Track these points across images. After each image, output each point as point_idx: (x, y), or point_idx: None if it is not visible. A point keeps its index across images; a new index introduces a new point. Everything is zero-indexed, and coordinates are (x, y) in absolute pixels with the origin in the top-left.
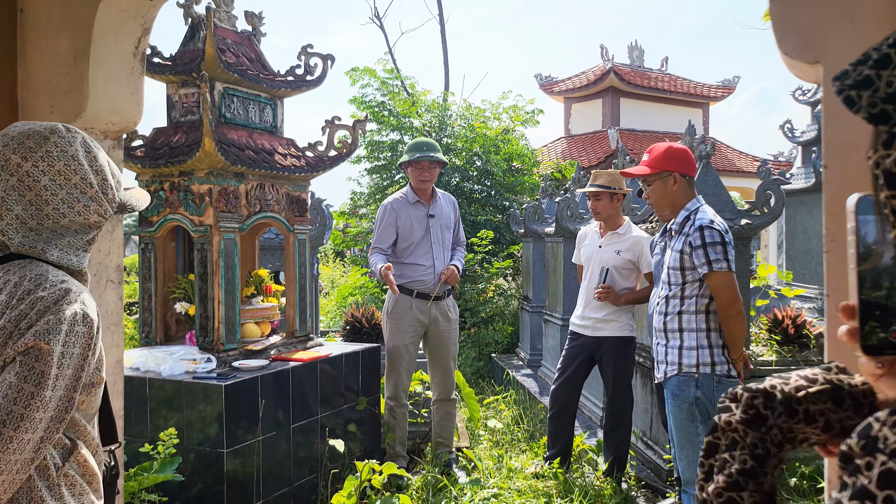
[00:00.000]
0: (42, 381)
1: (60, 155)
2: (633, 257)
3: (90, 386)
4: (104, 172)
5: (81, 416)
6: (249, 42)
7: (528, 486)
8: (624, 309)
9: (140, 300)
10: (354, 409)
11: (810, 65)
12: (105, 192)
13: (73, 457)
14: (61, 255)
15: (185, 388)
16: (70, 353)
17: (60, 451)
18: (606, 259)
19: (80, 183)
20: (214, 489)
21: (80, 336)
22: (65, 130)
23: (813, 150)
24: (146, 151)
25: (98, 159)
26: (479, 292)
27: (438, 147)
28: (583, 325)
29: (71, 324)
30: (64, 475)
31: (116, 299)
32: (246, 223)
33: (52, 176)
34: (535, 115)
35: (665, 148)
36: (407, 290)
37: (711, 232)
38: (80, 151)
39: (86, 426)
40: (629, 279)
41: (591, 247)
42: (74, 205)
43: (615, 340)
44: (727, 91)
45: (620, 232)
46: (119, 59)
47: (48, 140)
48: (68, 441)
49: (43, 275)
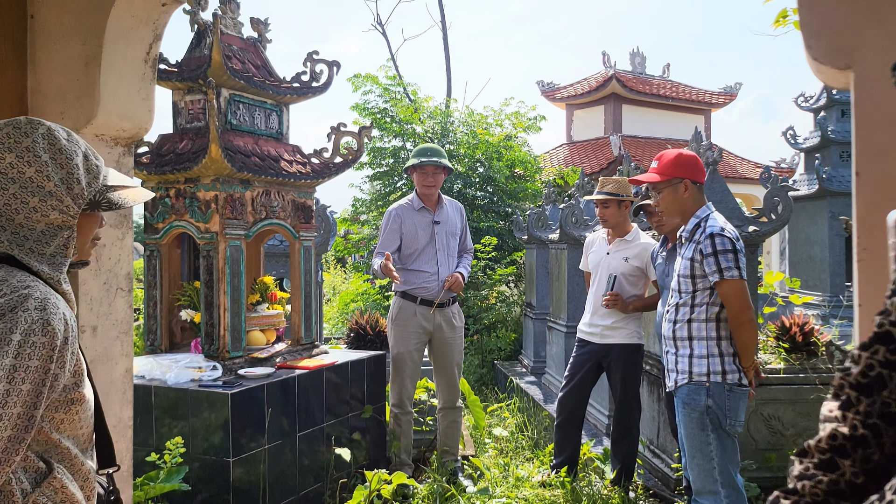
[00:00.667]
0: None
1: (12, 146)
2: (642, 264)
3: (68, 403)
4: (69, 166)
5: (64, 437)
6: (255, 49)
7: (535, 496)
8: (632, 316)
9: (145, 307)
10: (360, 417)
11: (840, 70)
12: (70, 188)
13: (48, 482)
14: (29, 259)
15: (190, 396)
16: (25, 365)
17: (31, 475)
18: (615, 266)
19: (36, 176)
20: (220, 498)
21: (37, 347)
22: (24, 122)
23: (816, 156)
24: (152, 158)
25: (63, 151)
26: (481, 299)
27: (444, 153)
28: (591, 333)
29: (26, 333)
30: (33, 502)
31: (126, 308)
32: (252, 230)
33: (2, 169)
34: (537, 122)
35: (675, 155)
36: (411, 297)
37: (722, 239)
38: (38, 143)
39: (69, 449)
40: (637, 286)
41: (599, 254)
42: (28, 199)
43: (623, 348)
44: (729, 98)
45: (629, 239)
46: (130, 64)
47: (0, 131)
48: (42, 464)
49: (6, 279)
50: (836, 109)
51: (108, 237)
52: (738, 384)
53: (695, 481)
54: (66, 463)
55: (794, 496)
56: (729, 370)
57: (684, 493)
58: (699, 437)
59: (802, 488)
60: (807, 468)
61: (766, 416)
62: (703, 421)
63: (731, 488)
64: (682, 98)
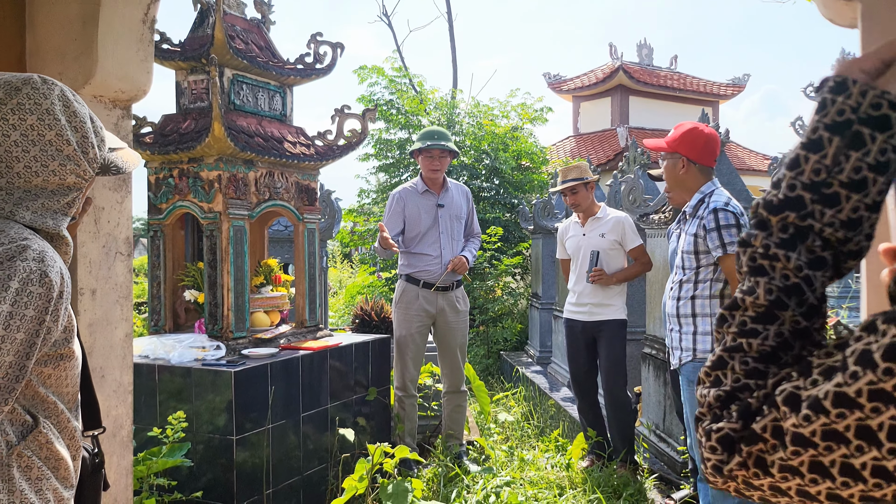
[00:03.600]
0: None
1: (33, 108)
2: (617, 237)
3: (57, 359)
4: (84, 129)
5: (51, 392)
6: (259, 30)
7: (540, 477)
8: (617, 292)
9: (149, 288)
10: (364, 399)
11: (847, 2)
12: (85, 151)
13: (33, 436)
14: (34, 217)
15: (194, 375)
16: (21, 314)
17: (18, 427)
18: (595, 244)
19: (56, 140)
20: (224, 477)
21: (34, 297)
22: (40, 81)
23: None
24: (155, 138)
25: (78, 114)
26: (487, 290)
27: (450, 136)
28: (578, 311)
29: (23, 282)
30: (17, 455)
31: (126, 272)
32: (255, 211)
33: (23, 131)
34: (543, 113)
35: (686, 129)
36: (414, 280)
37: (726, 214)
38: (56, 105)
39: (56, 404)
40: (617, 259)
41: (577, 237)
42: (49, 163)
43: (612, 323)
44: (737, 89)
45: (600, 216)
46: (128, 25)
47: (20, 91)
48: (29, 418)
49: (3, 231)
50: None
51: (107, 200)
52: None
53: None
54: (52, 419)
55: (739, 353)
56: None
57: (690, 476)
58: None
59: (748, 346)
60: (744, 322)
61: None
62: None
63: None
64: (689, 89)
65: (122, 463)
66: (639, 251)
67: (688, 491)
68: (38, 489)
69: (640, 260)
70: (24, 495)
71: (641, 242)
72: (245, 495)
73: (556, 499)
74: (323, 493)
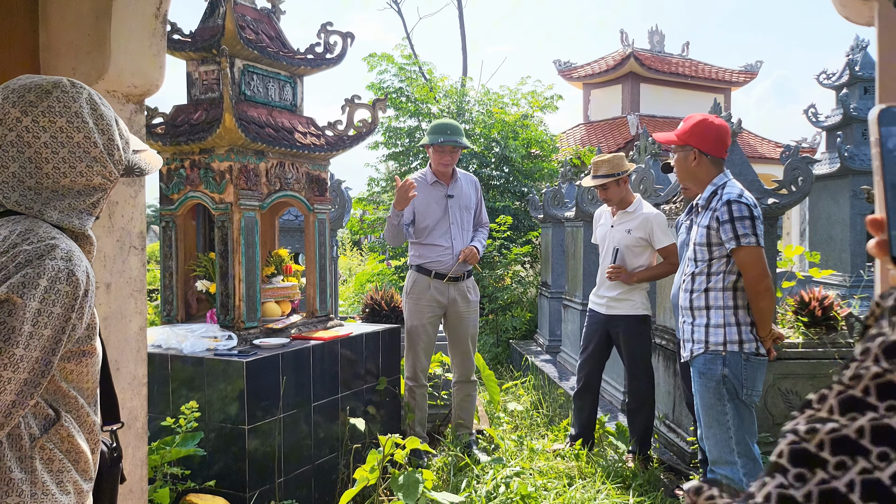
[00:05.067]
0: (12, 338)
1: (63, 111)
2: (645, 234)
3: (80, 355)
4: (110, 132)
5: (73, 388)
6: (269, 20)
7: (549, 467)
8: (637, 288)
9: (161, 278)
10: (374, 389)
11: (864, 1)
12: (111, 153)
13: (55, 429)
14: (61, 216)
15: (206, 364)
16: (49, 311)
17: (41, 421)
18: (618, 239)
19: (84, 142)
20: (236, 466)
21: (61, 294)
22: (69, 85)
23: (838, 134)
24: (167, 129)
25: (105, 117)
26: (497, 279)
27: (461, 130)
28: (598, 304)
29: (52, 280)
30: (40, 447)
31: (139, 265)
32: (266, 201)
33: (52, 133)
34: (553, 101)
35: (695, 122)
36: (425, 271)
37: (739, 206)
38: (84, 108)
39: (77, 399)
40: (642, 257)
41: (605, 227)
42: (76, 164)
43: (629, 319)
44: (749, 76)
45: (630, 210)
46: (140, 19)
47: (50, 94)
48: (52, 411)
49: (32, 229)
50: (859, 86)
51: (121, 195)
52: (755, 353)
53: (711, 451)
54: (73, 413)
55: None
56: (746, 339)
57: (699, 467)
58: (716, 407)
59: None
60: None
61: (783, 391)
62: (719, 391)
63: (747, 458)
64: (701, 77)
65: (138, 454)
66: (669, 251)
67: (697, 481)
68: (58, 481)
69: (669, 260)
70: (45, 486)
71: (672, 242)
72: (257, 483)
73: (566, 489)
74: (334, 481)
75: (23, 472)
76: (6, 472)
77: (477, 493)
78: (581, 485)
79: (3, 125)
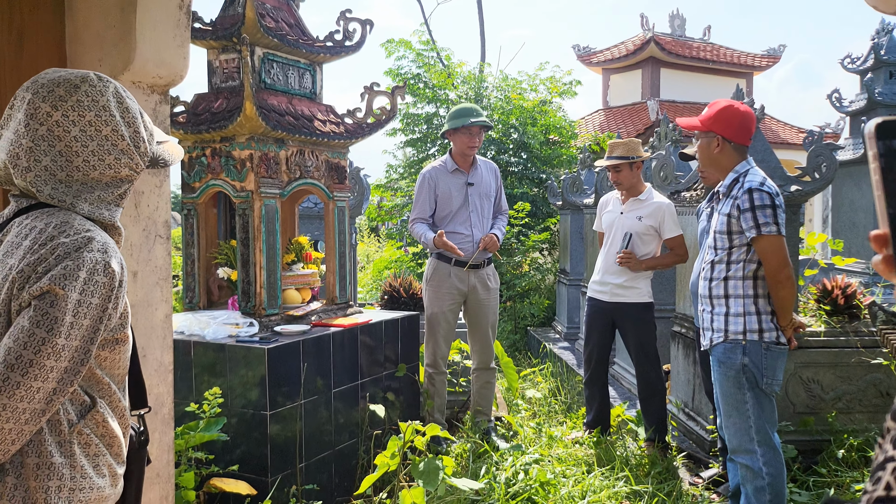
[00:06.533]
0: (55, 328)
1: (91, 105)
2: (655, 223)
3: (114, 343)
4: (136, 124)
5: (106, 374)
6: (288, 7)
7: (568, 454)
8: (643, 275)
9: (183, 266)
10: (393, 376)
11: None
12: (137, 146)
13: (91, 415)
14: (92, 208)
15: (228, 351)
16: (88, 301)
17: (78, 407)
18: (628, 225)
19: (111, 135)
20: (258, 451)
21: (99, 286)
22: (96, 79)
23: (862, 119)
24: (188, 117)
25: (130, 110)
26: (515, 266)
27: (483, 111)
28: (601, 291)
29: (90, 272)
30: (78, 433)
31: (165, 254)
32: (286, 189)
33: (82, 127)
34: (572, 87)
35: (721, 108)
36: (446, 259)
37: (761, 194)
38: (111, 102)
39: (110, 385)
40: (650, 245)
41: (614, 213)
42: (105, 157)
43: (634, 307)
44: (772, 60)
45: (642, 198)
46: (165, 10)
47: (79, 89)
48: (87, 398)
49: (68, 222)
50: (884, 71)
51: (147, 185)
52: (775, 343)
53: (730, 440)
54: (106, 399)
55: None
56: (766, 328)
57: (719, 455)
58: (735, 396)
59: None
60: None
61: (805, 380)
62: (739, 380)
63: (767, 447)
64: (723, 61)
65: (164, 439)
66: (676, 242)
67: (716, 470)
68: (95, 465)
69: (677, 251)
70: (83, 470)
71: (681, 233)
72: (279, 468)
73: (585, 476)
74: (354, 466)
75: (63, 457)
76: (47, 457)
77: (496, 479)
78: (600, 472)
79: (34, 120)
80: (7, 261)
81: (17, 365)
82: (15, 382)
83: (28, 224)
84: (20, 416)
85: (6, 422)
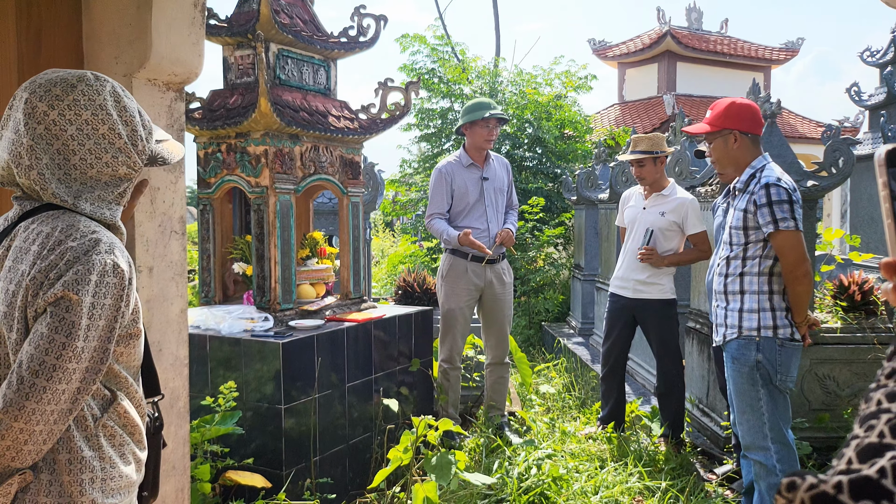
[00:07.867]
0: (73, 332)
1: (88, 104)
2: (678, 219)
3: (128, 338)
4: (134, 123)
5: (122, 368)
6: (303, 3)
7: (581, 449)
8: (665, 271)
9: (199, 260)
10: (407, 370)
11: None
12: (134, 144)
13: (113, 408)
14: (93, 208)
15: (243, 345)
16: (101, 303)
17: (100, 402)
18: (651, 221)
19: (108, 133)
20: (273, 445)
21: (111, 287)
22: (93, 78)
23: (881, 113)
24: (204, 114)
25: (128, 109)
26: (529, 261)
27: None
28: (623, 287)
29: (101, 274)
30: (102, 426)
31: (180, 250)
32: (301, 185)
33: (78, 125)
34: (588, 81)
35: (727, 104)
36: (462, 254)
37: (778, 190)
38: (108, 101)
39: (127, 378)
40: (673, 241)
41: (636, 209)
42: (102, 156)
43: (657, 303)
44: (790, 54)
45: (665, 193)
46: (180, 9)
47: (75, 88)
48: (108, 392)
49: (74, 225)
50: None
51: (162, 181)
52: (789, 339)
53: (744, 437)
54: (124, 390)
55: None
56: (780, 325)
57: (733, 451)
58: (749, 393)
59: None
60: None
61: (820, 376)
62: (752, 376)
63: (781, 444)
64: (740, 55)
65: (180, 433)
66: (700, 238)
67: (730, 466)
68: (121, 454)
69: (700, 247)
70: (111, 460)
71: (704, 229)
72: (293, 462)
73: (598, 471)
74: (368, 460)
75: (91, 450)
76: (77, 452)
77: (509, 474)
78: (613, 468)
79: (32, 119)
80: (18, 267)
81: (41, 371)
82: (41, 387)
83: (34, 229)
84: (49, 417)
85: (36, 424)
